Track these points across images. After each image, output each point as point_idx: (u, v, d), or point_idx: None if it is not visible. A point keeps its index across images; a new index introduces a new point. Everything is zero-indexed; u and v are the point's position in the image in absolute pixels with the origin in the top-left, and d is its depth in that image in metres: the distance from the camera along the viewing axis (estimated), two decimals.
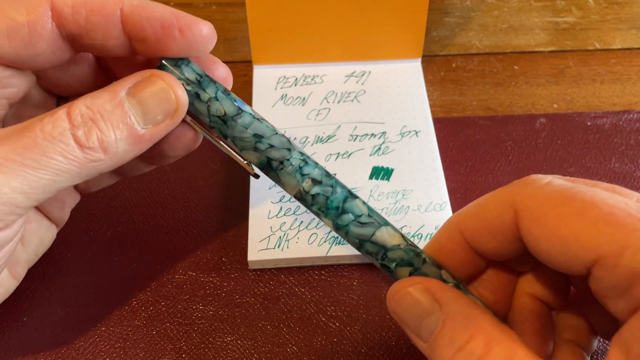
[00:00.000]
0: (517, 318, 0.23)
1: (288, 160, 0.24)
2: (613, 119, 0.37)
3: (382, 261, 0.23)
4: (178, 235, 0.31)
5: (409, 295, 0.21)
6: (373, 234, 0.23)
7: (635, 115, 0.37)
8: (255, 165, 0.24)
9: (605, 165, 0.34)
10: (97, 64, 0.26)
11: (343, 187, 0.24)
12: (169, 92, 0.22)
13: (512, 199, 0.20)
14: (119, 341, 0.28)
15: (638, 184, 0.34)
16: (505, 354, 0.18)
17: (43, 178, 0.21)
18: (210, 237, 0.31)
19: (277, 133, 0.24)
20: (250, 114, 0.24)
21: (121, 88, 0.22)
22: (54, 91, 0.26)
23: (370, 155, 0.34)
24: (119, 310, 0.29)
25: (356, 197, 0.24)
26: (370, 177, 0.33)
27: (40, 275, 0.30)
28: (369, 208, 0.23)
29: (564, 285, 0.23)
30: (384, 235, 0.23)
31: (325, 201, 0.23)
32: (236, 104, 0.24)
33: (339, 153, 0.34)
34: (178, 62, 0.23)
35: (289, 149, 0.24)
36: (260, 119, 0.24)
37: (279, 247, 0.30)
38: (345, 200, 0.23)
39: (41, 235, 0.26)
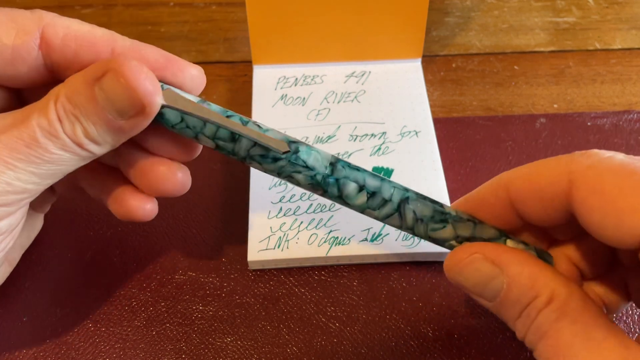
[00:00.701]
0: None
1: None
2: (613, 119, 0.37)
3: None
4: (178, 235, 0.31)
5: (469, 265, 0.21)
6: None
7: (635, 115, 0.37)
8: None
9: None
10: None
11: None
12: (130, 91, 0.21)
13: (570, 167, 0.20)
14: (119, 341, 0.28)
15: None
16: (563, 300, 0.19)
17: (50, 169, 0.22)
18: (210, 237, 0.31)
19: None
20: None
21: (91, 77, 0.22)
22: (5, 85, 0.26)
23: (370, 155, 0.34)
24: (118, 311, 0.29)
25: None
26: None
27: (40, 275, 0.30)
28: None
29: (604, 258, 0.23)
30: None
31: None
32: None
33: (339, 153, 0.34)
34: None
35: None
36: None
37: (279, 247, 0.30)
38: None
39: (32, 221, 0.27)
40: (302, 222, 0.31)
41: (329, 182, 0.23)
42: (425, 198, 0.23)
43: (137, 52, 0.23)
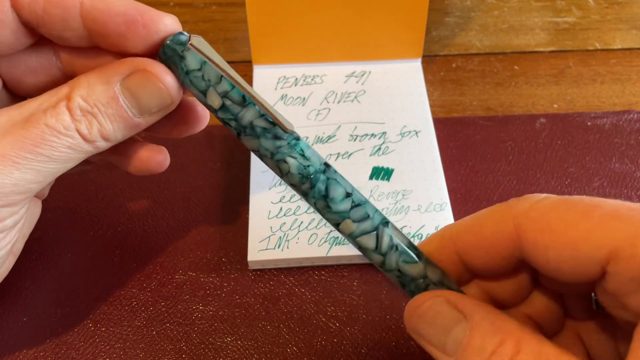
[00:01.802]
0: None
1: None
2: (613, 119, 0.37)
3: (400, 279, 0.22)
4: (178, 235, 0.31)
5: (432, 309, 0.20)
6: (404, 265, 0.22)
7: (635, 115, 0.37)
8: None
9: (606, 166, 0.34)
10: (56, 56, 0.26)
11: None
12: (162, 88, 0.22)
13: (512, 212, 0.20)
14: (119, 341, 0.28)
15: (638, 184, 0.34)
16: (534, 351, 0.18)
17: (54, 168, 0.22)
18: (210, 237, 0.31)
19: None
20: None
21: (114, 78, 0.22)
22: (17, 92, 0.26)
23: (371, 155, 0.34)
24: (119, 311, 0.29)
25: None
26: (371, 178, 0.33)
27: (41, 275, 0.30)
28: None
29: (556, 314, 0.22)
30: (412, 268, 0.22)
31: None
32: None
33: (339, 153, 0.34)
34: (181, 50, 0.22)
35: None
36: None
37: (279, 247, 0.30)
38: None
39: (32, 210, 0.27)
40: (302, 222, 0.31)
41: (319, 178, 0.22)
42: (402, 233, 0.22)
43: (106, 5, 0.22)
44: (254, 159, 0.33)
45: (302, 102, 0.37)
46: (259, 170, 0.33)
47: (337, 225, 0.22)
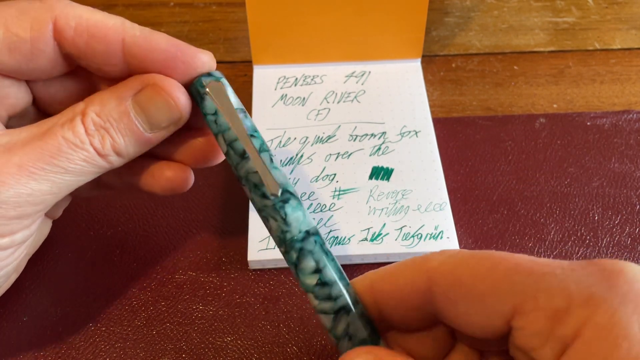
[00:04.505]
0: None
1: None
2: (613, 119, 0.37)
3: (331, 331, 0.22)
4: (178, 235, 0.31)
5: None
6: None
7: (635, 115, 0.37)
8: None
9: (605, 165, 0.34)
10: (91, 83, 0.26)
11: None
12: (171, 103, 0.23)
13: (427, 265, 0.20)
14: (119, 341, 0.28)
15: (638, 184, 0.34)
16: None
17: (69, 180, 0.23)
18: (210, 237, 0.31)
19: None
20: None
21: (127, 94, 0.23)
22: (48, 111, 0.26)
23: (370, 155, 0.34)
24: (119, 310, 0.29)
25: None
26: (370, 177, 0.33)
27: (41, 275, 0.30)
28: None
29: None
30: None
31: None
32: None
33: (339, 153, 0.34)
34: (202, 93, 0.23)
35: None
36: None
37: None
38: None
39: (42, 229, 0.27)
40: None
41: (294, 246, 0.22)
42: (369, 322, 0.21)
43: (148, 42, 0.23)
44: None
45: (302, 102, 0.37)
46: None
47: (306, 292, 0.22)
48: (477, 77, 0.40)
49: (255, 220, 0.31)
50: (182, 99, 0.23)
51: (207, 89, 0.23)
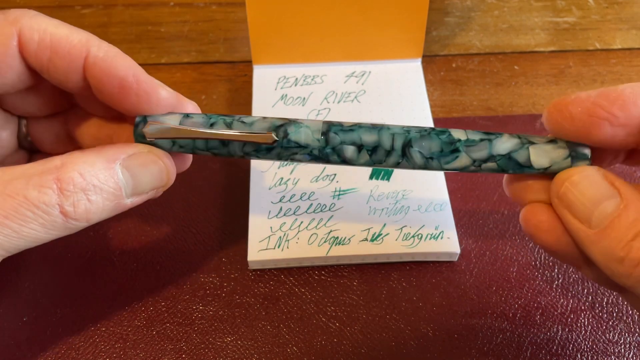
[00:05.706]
0: None
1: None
2: None
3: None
4: (178, 235, 0.31)
5: (589, 178, 0.21)
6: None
7: None
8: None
9: (605, 166, 0.34)
10: (58, 90, 0.26)
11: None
12: (163, 172, 0.23)
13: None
14: (119, 341, 0.28)
15: (638, 183, 0.34)
16: None
17: (19, 245, 0.21)
18: (210, 237, 0.31)
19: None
20: None
21: (116, 157, 0.22)
22: (13, 112, 0.26)
23: None
24: (119, 310, 0.29)
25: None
26: (370, 177, 0.33)
27: (40, 275, 0.30)
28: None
29: None
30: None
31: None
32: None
33: None
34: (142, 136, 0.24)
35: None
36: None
37: (279, 247, 0.30)
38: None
39: None
40: (302, 222, 0.31)
41: (327, 153, 0.23)
42: (430, 132, 0.22)
43: (108, 65, 0.22)
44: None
45: (302, 102, 0.37)
46: (259, 170, 0.33)
47: (372, 167, 0.24)
48: (478, 77, 0.40)
49: (255, 220, 0.31)
50: (172, 167, 0.24)
51: (152, 136, 0.23)
